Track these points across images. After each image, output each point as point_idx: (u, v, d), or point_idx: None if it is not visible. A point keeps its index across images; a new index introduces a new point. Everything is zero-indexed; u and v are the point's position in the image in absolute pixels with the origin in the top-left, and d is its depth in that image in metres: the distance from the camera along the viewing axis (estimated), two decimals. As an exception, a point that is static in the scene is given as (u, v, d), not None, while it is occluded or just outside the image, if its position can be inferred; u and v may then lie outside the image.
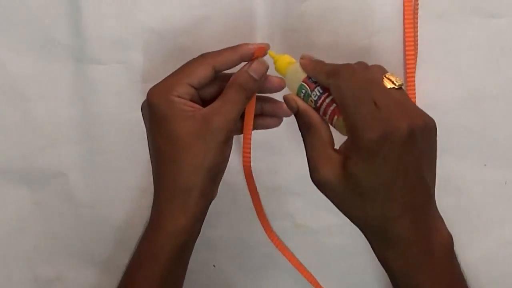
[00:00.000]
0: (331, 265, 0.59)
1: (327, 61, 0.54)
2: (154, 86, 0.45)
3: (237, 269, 0.60)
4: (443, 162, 0.56)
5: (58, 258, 0.60)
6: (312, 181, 0.43)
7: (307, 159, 0.43)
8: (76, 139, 0.57)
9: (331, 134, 0.44)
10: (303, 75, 0.45)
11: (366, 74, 0.42)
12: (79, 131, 0.56)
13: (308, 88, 0.44)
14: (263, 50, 0.46)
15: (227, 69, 0.46)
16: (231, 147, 0.46)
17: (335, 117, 0.42)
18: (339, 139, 0.43)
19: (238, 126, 0.49)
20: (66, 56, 0.55)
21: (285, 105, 0.48)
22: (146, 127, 0.47)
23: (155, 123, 0.45)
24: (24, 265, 0.60)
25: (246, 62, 0.46)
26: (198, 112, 0.44)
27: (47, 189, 0.58)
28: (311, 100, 0.44)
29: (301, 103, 0.44)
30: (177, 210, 0.44)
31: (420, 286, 0.41)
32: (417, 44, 0.54)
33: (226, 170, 0.57)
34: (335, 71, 0.42)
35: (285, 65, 0.46)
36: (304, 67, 0.45)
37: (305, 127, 0.44)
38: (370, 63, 0.54)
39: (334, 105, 0.43)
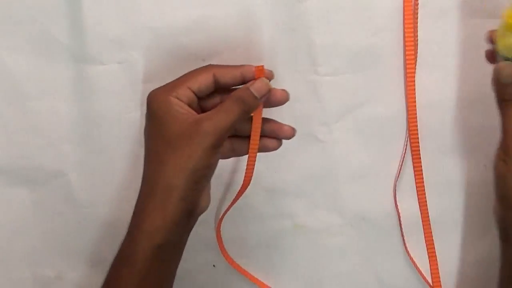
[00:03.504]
0: (331, 265, 0.59)
1: (327, 60, 0.54)
2: (156, 88, 0.46)
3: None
4: (443, 162, 0.57)
5: (58, 258, 0.60)
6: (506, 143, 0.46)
7: (505, 127, 0.46)
8: (76, 139, 0.57)
9: None
10: None
11: None
12: (79, 131, 0.56)
13: None
14: (263, 72, 0.47)
15: (228, 83, 0.47)
16: (218, 158, 0.46)
17: None
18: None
19: (236, 147, 0.49)
20: (66, 56, 0.55)
21: (285, 127, 0.49)
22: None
23: (150, 122, 0.46)
24: (24, 265, 0.60)
25: None
26: (192, 116, 0.45)
27: (47, 189, 0.58)
28: None
29: None
30: (155, 210, 0.44)
31: None
32: (417, 44, 0.54)
33: (227, 170, 0.58)
34: None
35: None
36: None
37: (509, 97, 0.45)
38: (370, 63, 0.55)
39: None
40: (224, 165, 0.53)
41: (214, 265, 0.60)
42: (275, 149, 0.50)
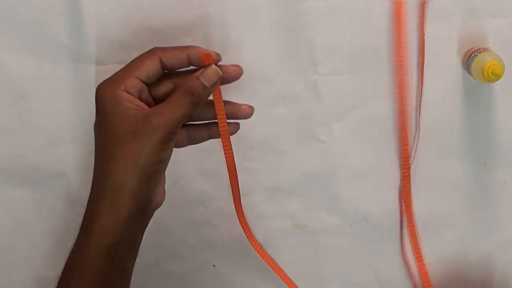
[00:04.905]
0: (331, 265, 0.59)
1: (327, 60, 0.54)
2: (104, 80, 0.45)
3: (237, 269, 0.60)
4: (443, 162, 0.57)
5: (58, 258, 0.59)
6: None
7: None
8: (76, 139, 0.57)
9: None
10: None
11: None
12: (79, 131, 0.56)
13: None
14: (211, 57, 0.45)
15: (175, 66, 0.45)
16: (171, 151, 0.45)
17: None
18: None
19: (192, 134, 0.48)
20: (66, 56, 0.55)
21: (243, 106, 0.48)
22: None
23: (99, 118, 0.45)
24: (24, 265, 0.59)
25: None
26: (141, 111, 0.44)
27: (47, 189, 0.58)
28: None
29: None
30: (105, 210, 0.43)
31: None
32: (423, 44, 0.53)
33: (225, 169, 0.57)
34: None
35: None
36: None
37: None
38: (370, 63, 0.55)
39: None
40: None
41: (214, 265, 0.60)
42: (234, 133, 0.49)
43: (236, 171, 0.51)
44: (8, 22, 0.54)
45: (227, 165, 0.50)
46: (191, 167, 0.57)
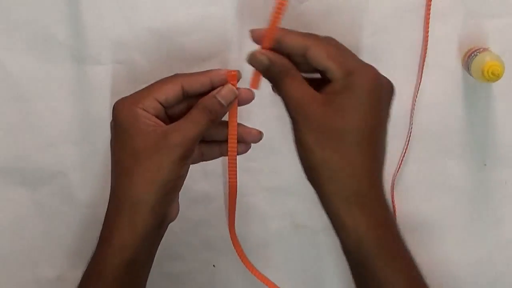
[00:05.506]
0: (331, 265, 0.59)
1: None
2: (122, 98, 0.46)
3: (237, 269, 0.60)
4: (443, 162, 0.57)
5: (58, 258, 0.59)
6: (295, 116, 0.44)
7: (289, 102, 0.44)
8: (76, 139, 0.57)
9: None
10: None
11: None
12: (79, 131, 0.56)
13: None
14: (235, 77, 0.46)
15: (197, 91, 0.46)
16: (188, 167, 0.46)
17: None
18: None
19: (205, 151, 0.49)
20: (66, 56, 0.55)
21: (254, 131, 0.48)
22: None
23: (116, 134, 0.45)
24: (24, 265, 0.59)
25: None
26: (159, 128, 0.44)
27: (47, 189, 0.58)
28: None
29: (272, 55, 0.44)
30: (124, 225, 0.43)
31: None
32: (427, 44, 0.53)
33: (225, 170, 0.57)
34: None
35: None
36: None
37: (281, 75, 0.44)
38: (369, 63, 0.55)
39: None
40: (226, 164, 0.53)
41: (214, 265, 0.60)
42: (243, 152, 0.49)
43: (236, 193, 0.51)
44: (8, 22, 0.54)
45: (228, 185, 0.51)
46: (191, 167, 0.57)
